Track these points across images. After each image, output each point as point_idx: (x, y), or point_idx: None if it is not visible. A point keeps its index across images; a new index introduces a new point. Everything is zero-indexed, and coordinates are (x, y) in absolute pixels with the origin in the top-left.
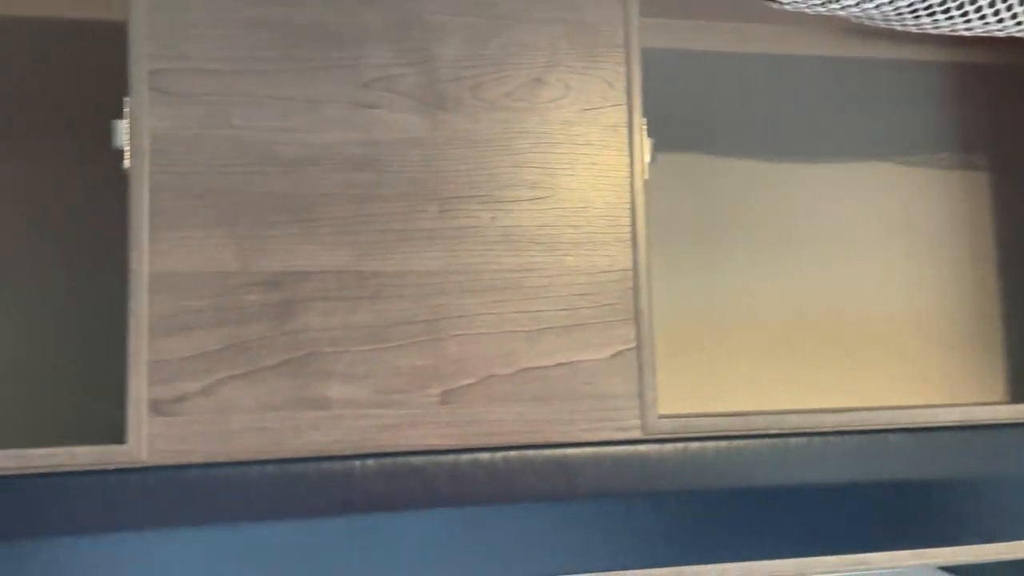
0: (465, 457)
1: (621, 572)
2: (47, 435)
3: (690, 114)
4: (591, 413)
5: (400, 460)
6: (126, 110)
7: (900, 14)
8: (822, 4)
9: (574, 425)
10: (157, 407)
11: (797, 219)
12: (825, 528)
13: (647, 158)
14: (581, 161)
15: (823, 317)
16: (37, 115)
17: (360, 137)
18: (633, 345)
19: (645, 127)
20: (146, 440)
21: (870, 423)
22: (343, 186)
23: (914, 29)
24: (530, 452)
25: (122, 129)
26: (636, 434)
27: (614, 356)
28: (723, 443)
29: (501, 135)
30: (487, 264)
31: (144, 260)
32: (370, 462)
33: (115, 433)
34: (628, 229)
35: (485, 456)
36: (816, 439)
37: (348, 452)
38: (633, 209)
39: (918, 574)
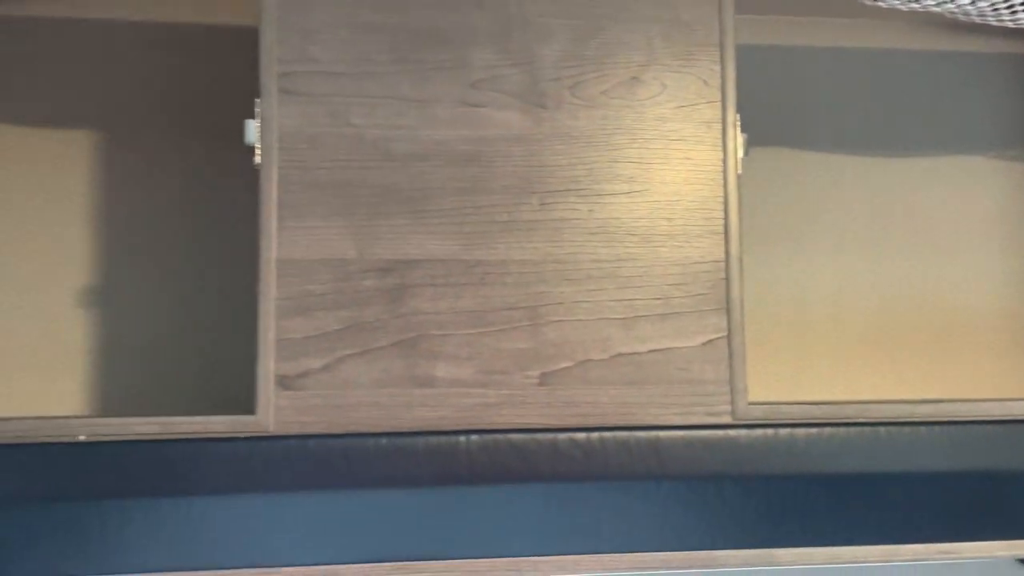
0: (563, 436)
1: (708, 552)
2: (184, 405)
3: (783, 108)
4: (683, 398)
5: (501, 437)
6: (257, 110)
7: (996, 9)
8: (916, 0)
9: (666, 409)
10: (283, 382)
11: (888, 213)
12: (912, 516)
13: (740, 153)
14: (675, 156)
15: (914, 310)
16: (177, 115)
17: (467, 134)
18: (724, 334)
19: (739, 123)
20: (273, 412)
21: (960, 414)
22: (451, 180)
23: (1010, 24)
24: (623, 433)
25: (253, 128)
26: (726, 419)
27: (706, 344)
28: (812, 430)
29: (599, 131)
30: (584, 254)
31: (272, 247)
32: (474, 438)
33: (241, 405)
34: (721, 222)
35: (581, 436)
36: (906, 429)
37: (453, 428)
38: (726, 203)
39: (997, 565)
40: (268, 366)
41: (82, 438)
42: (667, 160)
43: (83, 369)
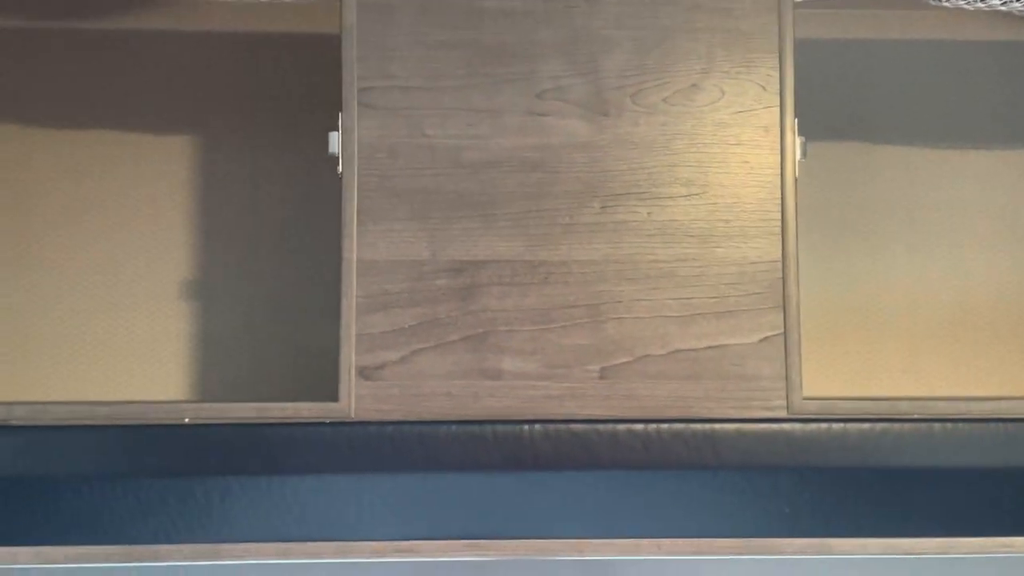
0: (622, 427)
1: (764, 539)
2: (275, 391)
3: (845, 103)
4: (738, 392)
5: (563, 427)
6: (340, 123)
7: None
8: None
9: (722, 403)
10: (363, 372)
11: (955, 207)
12: (968, 510)
13: (798, 156)
14: (733, 160)
15: (988, 306)
16: (269, 121)
17: (534, 142)
18: (780, 331)
19: (796, 127)
20: (354, 400)
21: (1017, 412)
22: (518, 185)
23: None
24: (680, 425)
25: (336, 139)
26: (781, 413)
27: (762, 341)
28: (866, 425)
29: (659, 137)
30: (644, 255)
31: (353, 249)
32: (537, 427)
33: (326, 392)
34: (778, 223)
35: (640, 427)
36: (962, 425)
37: (518, 417)
38: (783, 204)
39: None
40: (350, 358)
41: (187, 420)
42: (725, 164)
43: (183, 357)
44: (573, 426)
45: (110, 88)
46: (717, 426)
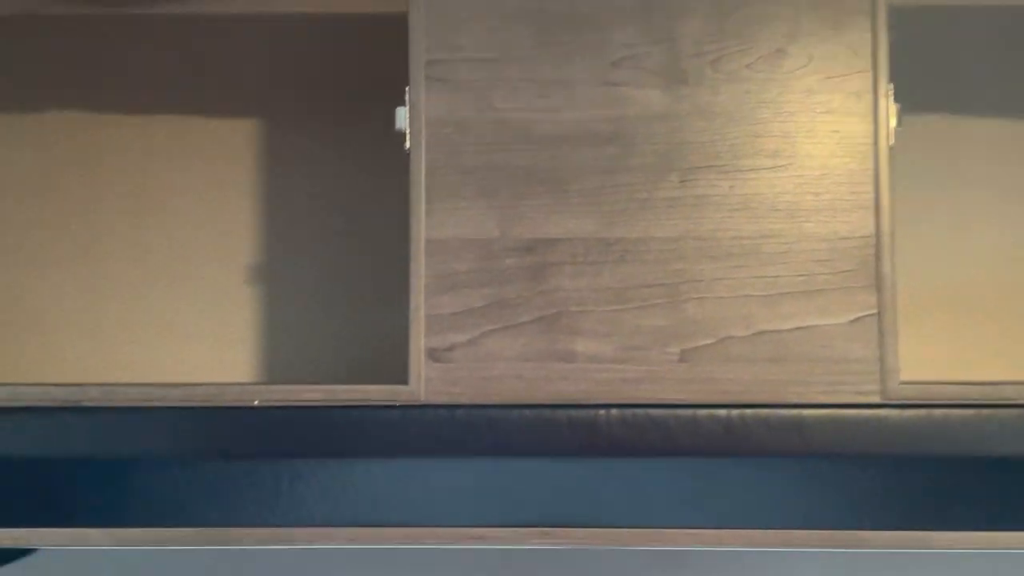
0: (703, 412)
1: (854, 531)
2: (342, 373)
3: (935, 72)
4: (827, 376)
5: (640, 412)
6: (407, 98)
7: None
8: None
9: (810, 387)
10: (432, 354)
11: None
12: None
13: (893, 123)
14: (822, 129)
15: None
16: (333, 102)
17: (608, 113)
18: (874, 311)
19: (891, 93)
20: (424, 382)
21: None
22: (591, 159)
23: None
24: (765, 411)
25: (403, 115)
26: (875, 399)
27: (853, 322)
28: (970, 411)
29: (741, 106)
30: (725, 231)
31: (421, 228)
32: (613, 412)
33: (395, 375)
34: (871, 196)
35: (722, 412)
36: None
37: (593, 402)
38: (876, 176)
39: None
40: (419, 340)
41: (256, 403)
42: (813, 133)
43: (250, 339)
44: (651, 411)
45: (176, 73)
46: (804, 411)
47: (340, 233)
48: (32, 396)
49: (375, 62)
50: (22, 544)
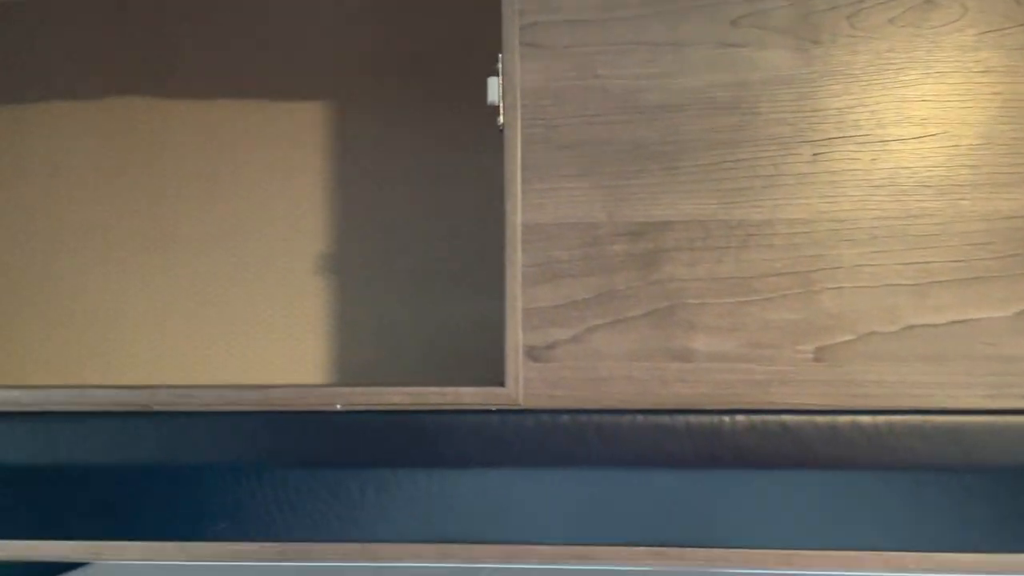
0: (843, 419)
1: (1019, 555)
2: (424, 373)
3: None
4: (990, 378)
5: (771, 418)
6: (499, 67)
7: None
8: None
9: (970, 390)
10: (531, 353)
11: None
12: None
13: None
14: (980, 92)
15: None
16: (408, 80)
17: (727, 79)
18: None
19: None
20: (522, 384)
21: None
22: (709, 131)
23: None
24: (917, 417)
25: (496, 86)
26: None
27: (1019, 314)
28: None
29: (884, 67)
30: (866, 211)
31: (517, 212)
32: (739, 418)
33: (485, 376)
34: None
35: (866, 419)
36: None
37: (715, 406)
38: None
39: None
40: (516, 336)
41: (339, 407)
42: (969, 96)
43: (321, 333)
44: (783, 417)
45: (241, 55)
46: (963, 418)
47: (418, 219)
48: (100, 400)
49: (455, 32)
50: (88, 558)
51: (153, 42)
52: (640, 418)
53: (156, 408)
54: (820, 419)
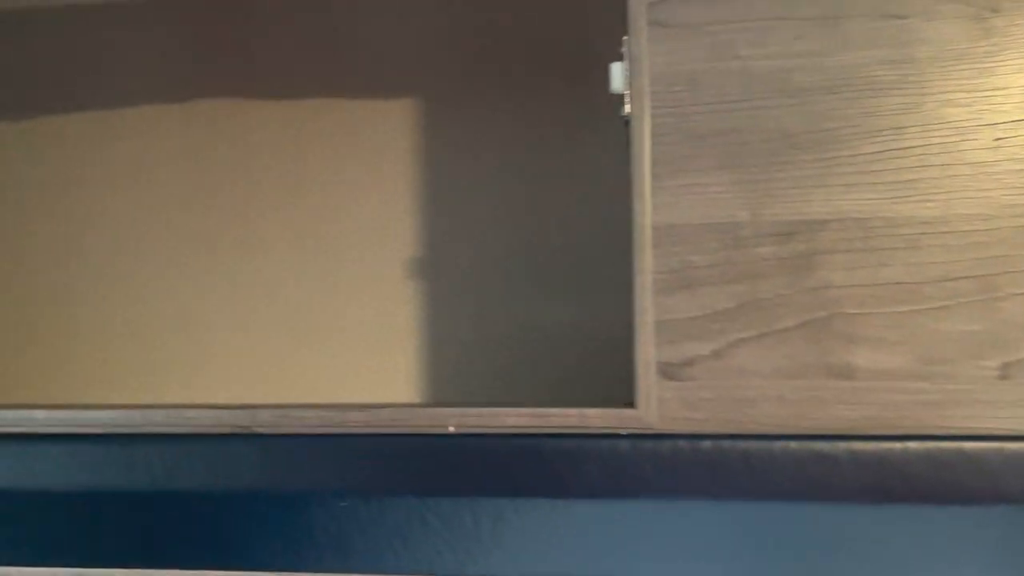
0: None
1: None
2: (527, 390)
3: None
4: None
5: (949, 445)
6: (624, 50)
7: None
8: None
9: None
10: (665, 370)
11: None
12: None
13: None
14: None
15: None
16: (501, 75)
17: (889, 55)
18: None
19: None
20: (656, 405)
21: None
22: (869, 116)
23: None
24: None
25: (620, 72)
26: None
27: None
28: None
29: None
30: None
31: (647, 211)
32: (912, 445)
33: (617, 394)
34: None
35: None
36: None
37: (881, 431)
38: None
39: None
40: (648, 352)
41: (451, 429)
42: None
43: (413, 340)
44: (963, 444)
45: (326, 51)
46: None
47: (518, 221)
48: (201, 421)
49: (550, 21)
50: None
51: (236, 42)
52: (794, 444)
53: (258, 430)
54: (1008, 446)
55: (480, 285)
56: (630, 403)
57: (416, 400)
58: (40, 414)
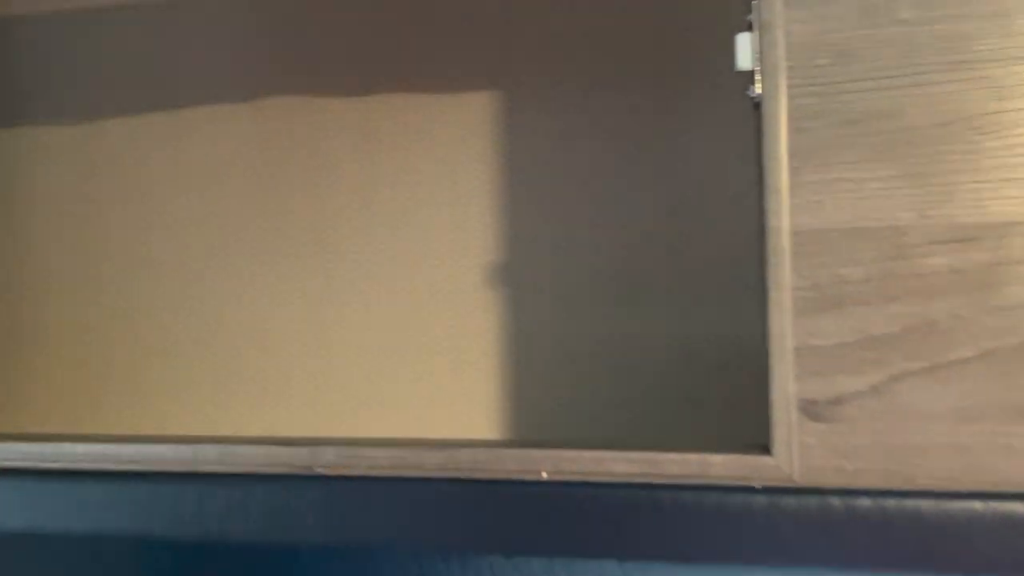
0: None
1: None
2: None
3: None
4: None
5: None
6: (753, 18)
7: None
8: None
9: None
10: (809, 409)
11: None
12: None
13: None
14: None
15: None
16: (591, 64)
17: None
18: None
19: None
20: (797, 452)
21: None
22: None
23: None
24: None
25: (748, 44)
26: None
27: None
28: None
29: None
30: None
31: (784, 213)
32: None
33: (744, 437)
34: None
35: None
36: None
37: None
38: None
39: None
40: (786, 386)
41: (544, 475)
42: None
43: (493, 357)
44: None
45: (397, 46)
46: None
47: (609, 224)
48: (254, 459)
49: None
50: None
51: (305, 36)
52: (977, 505)
53: (320, 470)
54: None
55: (566, 294)
56: (765, 448)
57: (495, 420)
58: (80, 448)
